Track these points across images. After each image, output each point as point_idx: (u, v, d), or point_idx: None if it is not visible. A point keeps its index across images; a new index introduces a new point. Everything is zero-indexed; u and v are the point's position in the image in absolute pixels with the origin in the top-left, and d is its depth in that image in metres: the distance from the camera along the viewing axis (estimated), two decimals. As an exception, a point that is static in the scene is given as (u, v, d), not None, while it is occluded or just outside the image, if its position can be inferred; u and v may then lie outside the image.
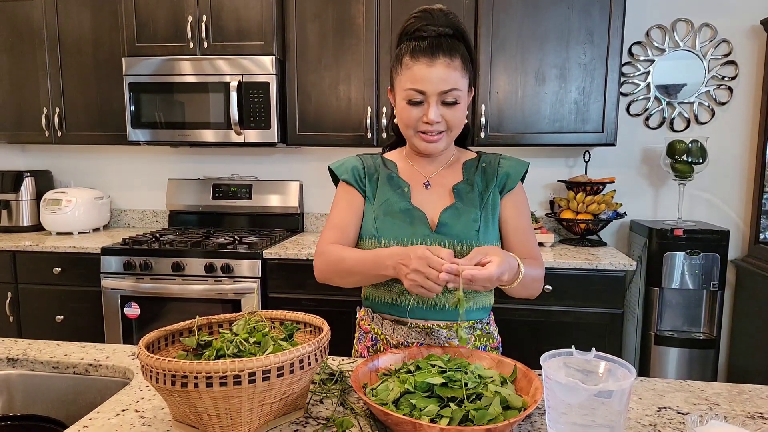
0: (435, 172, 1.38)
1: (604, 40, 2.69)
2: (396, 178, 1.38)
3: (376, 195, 1.37)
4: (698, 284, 2.69)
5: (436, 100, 1.23)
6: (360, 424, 0.98)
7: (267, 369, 0.87)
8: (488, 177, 1.36)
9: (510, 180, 1.36)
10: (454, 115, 1.25)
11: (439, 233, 1.29)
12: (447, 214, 1.31)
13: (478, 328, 1.35)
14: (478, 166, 1.38)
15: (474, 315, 1.35)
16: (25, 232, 3.33)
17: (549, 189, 3.22)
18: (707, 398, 1.13)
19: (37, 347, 1.38)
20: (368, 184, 1.39)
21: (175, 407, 0.93)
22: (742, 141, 3.03)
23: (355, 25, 2.86)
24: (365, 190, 1.38)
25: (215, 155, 3.48)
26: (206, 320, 1.13)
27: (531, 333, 2.58)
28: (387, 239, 1.31)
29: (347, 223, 1.36)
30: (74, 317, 2.90)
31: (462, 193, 1.34)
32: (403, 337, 1.32)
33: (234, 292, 2.71)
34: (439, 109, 1.24)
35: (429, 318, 1.31)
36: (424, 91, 1.23)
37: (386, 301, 1.34)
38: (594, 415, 0.87)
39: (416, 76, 1.22)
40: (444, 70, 1.21)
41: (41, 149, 3.65)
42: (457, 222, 1.29)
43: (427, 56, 1.21)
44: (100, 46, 3.09)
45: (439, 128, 1.26)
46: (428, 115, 1.23)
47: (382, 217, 1.33)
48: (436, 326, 1.30)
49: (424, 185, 1.36)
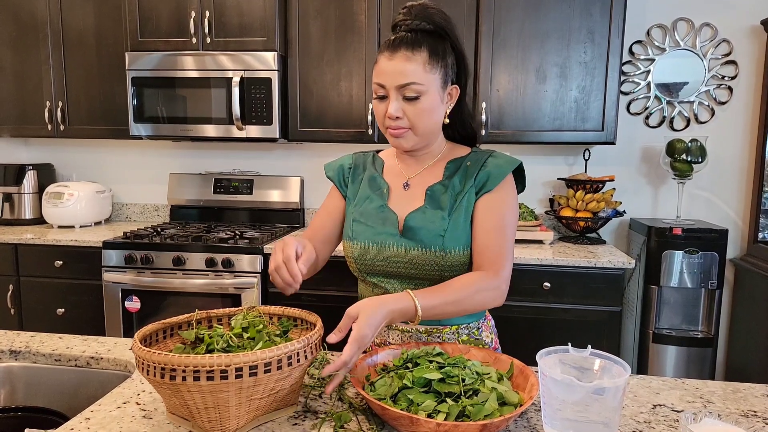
0: (417, 172, 1.35)
1: (604, 39, 2.70)
2: (378, 178, 1.37)
3: (357, 195, 1.37)
4: (697, 283, 2.70)
5: (395, 95, 1.21)
6: (358, 418, 1.00)
7: (254, 365, 0.88)
8: (468, 176, 1.29)
9: (490, 181, 1.27)
10: (415, 111, 1.21)
11: (405, 237, 1.27)
12: (412, 218, 1.28)
13: (464, 333, 1.32)
14: (462, 165, 1.32)
15: (456, 320, 1.31)
16: (27, 225, 3.34)
17: (549, 187, 3.23)
18: (702, 396, 1.14)
19: (39, 340, 1.40)
20: (350, 184, 1.39)
21: (168, 399, 0.95)
22: (742, 140, 3.04)
23: (357, 22, 2.87)
24: (346, 191, 1.40)
25: (217, 150, 3.49)
26: (205, 314, 1.15)
27: (529, 330, 2.60)
28: (359, 241, 1.31)
29: (320, 224, 1.40)
30: (75, 310, 2.92)
31: (435, 195, 1.29)
32: (384, 338, 1.33)
33: (234, 286, 2.73)
34: (400, 104, 1.21)
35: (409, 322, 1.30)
36: (383, 84, 1.22)
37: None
38: (589, 412, 0.88)
39: (379, 69, 1.22)
40: (402, 64, 1.19)
41: (44, 143, 3.66)
42: (422, 226, 1.26)
43: (389, 50, 1.21)
44: (103, 40, 3.10)
45: (401, 123, 1.23)
46: (388, 109, 1.22)
47: (358, 219, 1.33)
48: (416, 330, 1.30)
49: (403, 186, 1.34)
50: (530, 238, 2.88)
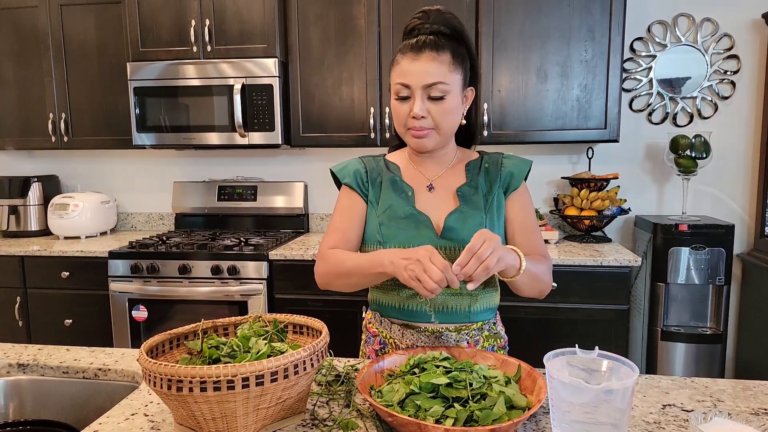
0: (438, 174, 1.37)
1: (605, 37, 2.69)
2: (400, 181, 1.37)
3: (379, 199, 1.36)
4: (704, 279, 2.68)
5: (421, 94, 1.23)
6: (366, 425, 1.00)
7: (260, 374, 0.87)
8: (492, 177, 1.35)
9: (514, 179, 1.34)
10: (440, 111, 1.24)
11: (445, 238, 1.28)
12: (452, 219, 1.29)
13: (486, 329, 1.35)
14: (481, 167, 1.37)
15: (482, 316, 1.34)
16: (33, 237, 3.35)
17: (553, 186, 3.22)
18: (712, 395, 1.13)
19: (47, 352, 1.40)
20: (371, 188, 1.38)
21: (175, 411, 0.95)
22: (746, 135, 3.02)
23: (357, 27, 2.87)
24: (368, 195, 1.38)
25: (220, 157, 3.50)
26: (211, 323, 1.15)
27: (537, 331, 2.59)
28: (392, 245, 1.30)
29: (348, 228, 1.36)
30: (83, 321, 2.93)
31: (466, 196, 1.32)
32: (412, 341, 1.32)
33: (240, 293, 2.73)
34: (425, 104, 1.23)
35: (439, 321, 1.31)
36: (409, 84, 1.23)
37: (394, 305, 1.34)
38: (597, 414, 0.87)
39: (403, 70, 1.24)
40: (428, 64, 1.21)
41: (48, 154, 3.67)
42: (463, 226, 1.28)
43: (413, 51, 1.23)
44: (104, 51, 3.11)
45: (425, 124, 1.25)
46: (413, 109, 1.23)
47: (387, 223, 1.32)
48: (445, 329, 1.31)
49: (427, 188, 1.35)
50: (535, 238, 2.87)
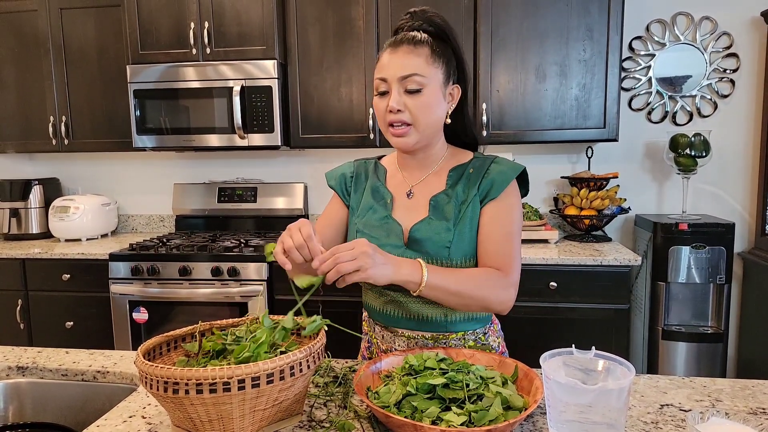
0: (420, 179, 1.34)
1: (603, 36, 2.69)
2: (382, 188, 1.36)
3: (360, 205, 1.37)
4: (705, 278, 2.68)
5: (397, 87, 1.22)
6: (363, 426, 1.00)
7: (256, 376, 0.87)
8: (471, 185, 1.28)
9: (493, 189, 1.26)
10: (417, 105, 1.21)
11: (410, 248, 1.27)
12: (417, 229, 1.27)
13: (470, 340, 1.32)
14: (464, 173, 1.31)
15: (462, 326, 1.31)
16: (34, 239, 3.36)
17: (552, 185, 3.22)
18: (710, 394, 1.13)
19: (46, 355, 1.40)
20: (353, 194, 1.39)
21: (172, 413, 0.95)
22: (746, 133, 3.02)
23: (356, 28, 2.87)
24: (349, 200, 1.40)
25: (220, 159, 3.51)
26: (209, 325, 1.15)
27: (537, 331, 2.59)
28: None
29: (326, 232, 1.40)
30: (84, 323, 2.94)
31: (439, 205, 1.28)
32: (390, 345, 1.33)
33: (241, 295, 2.73)
34: (402, 97, 1.22)
35: (415, 329, 1.30)
36: (386, 77, 1.23)
37: (376, 308, 1.35)
38: (594, 414, 0.87)
39: (380, 65, 1.25)
40: (405, 56, 1.21)
41: (49, 157, 3.68)
42: (428, 238, 1.25)
43: (392, 46, 1.24)
44: (104, 54, 3.12)
45: (403, 118, 1.22)
46: (389, 102, 1.22)
47: (362, 230, 1.32)
48: (422, 337, 1.30)
49: (407, 194, 1.34)
50: (535, 238, 2.87)
